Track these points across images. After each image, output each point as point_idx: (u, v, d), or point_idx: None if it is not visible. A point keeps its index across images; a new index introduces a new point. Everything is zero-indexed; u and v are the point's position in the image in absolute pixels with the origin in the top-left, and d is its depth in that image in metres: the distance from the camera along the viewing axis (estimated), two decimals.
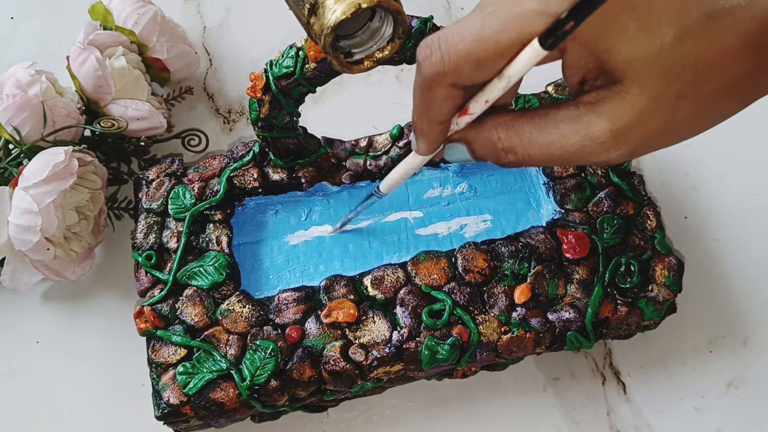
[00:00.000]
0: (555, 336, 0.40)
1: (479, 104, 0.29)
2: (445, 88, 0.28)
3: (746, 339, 0.47)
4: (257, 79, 0.39)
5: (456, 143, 0.31)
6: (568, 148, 0.28)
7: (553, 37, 0.24)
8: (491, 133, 0.29)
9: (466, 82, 0.28)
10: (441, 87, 0.28)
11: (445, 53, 0.27)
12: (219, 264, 0.41)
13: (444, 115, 0.29)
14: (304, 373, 0.38)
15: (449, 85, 0.28)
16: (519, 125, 0.29)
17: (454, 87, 0.28)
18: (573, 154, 0.28)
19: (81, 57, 0.46)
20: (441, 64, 0.27)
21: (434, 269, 0.41)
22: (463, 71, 0.27)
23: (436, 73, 0.27)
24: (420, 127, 0.30)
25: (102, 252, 0.50)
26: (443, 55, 0.27)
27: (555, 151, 0.28)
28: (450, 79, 0.27)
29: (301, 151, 0.43)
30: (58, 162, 0.42)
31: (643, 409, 0.45)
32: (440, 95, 0.28)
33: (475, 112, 0.29)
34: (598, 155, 0.27)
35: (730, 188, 0.52)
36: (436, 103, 0.28)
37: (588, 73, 0.27)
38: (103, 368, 0.46)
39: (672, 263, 0.42)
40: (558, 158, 0.28)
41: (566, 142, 0.27)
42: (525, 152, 0.29)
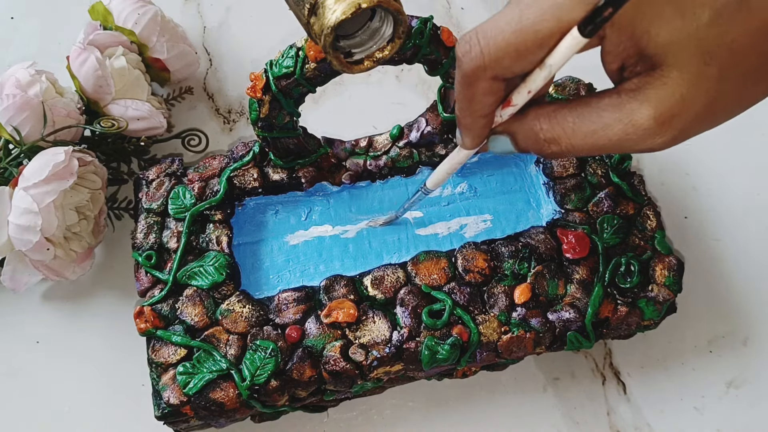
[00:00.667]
0: (555, 336, 0.40)
1: (522, 95, 0.29)
2: (487, 82, 0.28)
3: (746, 339, 0.47)
4: (257, 79, 0.39)
5: (500, 135, 0.31)
6: (612, 137, 0.28)
7: (593, 24, 0.24)
8: (534, 124, 0.29)
9: (507, 75, 0.28)
10: (482, 81, 0.28)
11: (484, 47, 0.27)
12: (219, 264, 0.41)
13: (487, 108, 0.29)
14: (304, 373, 0.38)
15: (490, 78, 0.28)
16: (561, 115, 0.29)
17: (495, 80, 0.28)
18: (617, 142, 0.28)
19: (81, 57, 0.46)
20: (481, 58, 0.27)
21: (434, 269, 0.41)
22: (503, 63, 0.27)
23: (476, 67, 0.27)
24: (464, 121, 0.31)
25: (102, 252, 0.50)
26: (482, 49, 0.27)
27: (599, 141, 0.28)
28: (490, 72, 0.27)
29: (301, 151, 0.43)
30: (58, 162, 0.42)
31: (643, 409, 0.45)
32: (482, 89, 0.28)
33: (518, 104, 0.29)
34: (642, 143, 0.27)
35: (730, 188, 0.52)
36: (478, 97, 0.29)
37: (627, 59, 0.27)
38: (103, 368, 0.46)
39: (672, 263, 0.42)
40: (602, 147, 0.28)
41: (610, 131, 0.27)
42: (568, 142, 0.29)
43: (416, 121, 0.45)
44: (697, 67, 0.26)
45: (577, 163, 0.44)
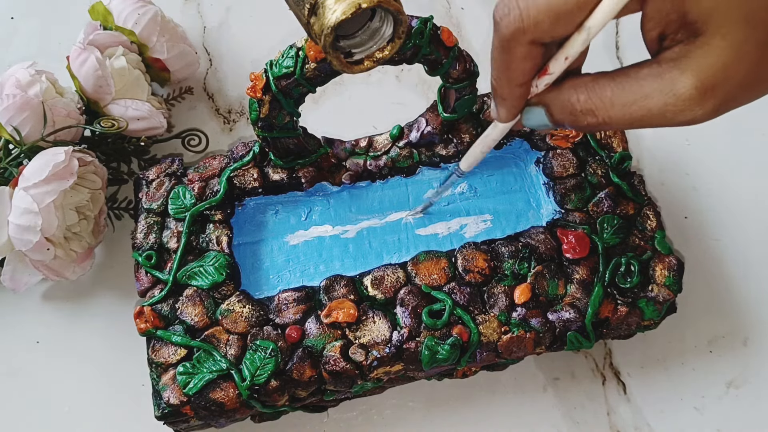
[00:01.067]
0: (555, 336, 0.40)
1: (559, 62, 0.28)
2: (525, 46, 0.27)
3: (746, 339, 0.47)
4: (257, 79, 0.39)
5: (534, 107, 0.30)
6: (652, 107, 0.27)
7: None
8: (570, 94, 0.29)
9: (546, 39, 0.27)
10: (521, 45, 0.27)
11: (524, 9, 0.26)
12: (219, 264, 0.41)
13: (525, 75, 0.29)
14: (304, 373, 0.38)
15: (529, 42, 0.27)
16: (600, 86, 0.28)
17: (534, 44, 0.27)
18: (657, 113, 0.27)
19: (81, 57, 0.46)
20: (520, 20, 0.26)
21: (434, 269, 0.41)
22: (542, 26, 0.26)
23: (515, 30, 0.27)
24: (500, 91, 0.30)
25: (102, 252, 0.50)
26: (521, 12, 0.26)
27: (638, 111, 0.27)
28: (530, 35, 0.27)
29: (301, 151, 0.43)
30: (58, 162, 0.42)
31: (643, 409, 0.45)
32: (520, 54, 0.28)
33: (555, 72, 0.29)
34: (683, 114, 0.27)
35: (730, 188, 0.52)
36: (515, 63, 0.28)
37: (668, 26, 0.26)
38: (103, 368, 0.46)
39: (672, 263, 0.42)
40: (641, 119, 0.27)
41: (650, 101, 0.27)
42: (606, 114, 0.28)
43: (416, 121, 0.45)
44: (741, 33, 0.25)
45: (577, 163, 0.44)
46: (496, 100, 0.31)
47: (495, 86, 0.30)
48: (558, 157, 0.44)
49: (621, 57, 0.57)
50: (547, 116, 0.30)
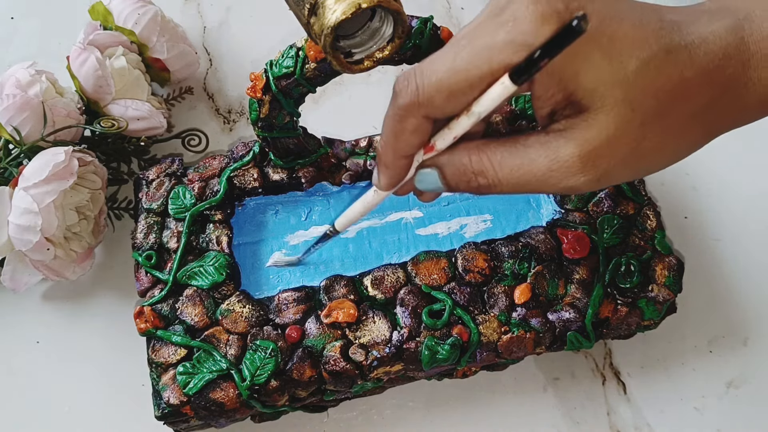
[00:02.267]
0: (555, 336, 0.40)
1: (446, 140, 0.29)
2: (417, 119, 0.28)
3: (746, 339, 0.47)
4: (257, 79, 0.39)
5: (427, 168, 0.31)
6: (536, 171, 0.28)
7: (527, 73, 0.25)
8: (462, 155, 0.30)
9: (438, 114, 0.28)
10: (413, 117, 0.28)
11: (420, 84, 0.27)
12: (219, 264, 0.41)
13: (411, 148, 0.30)
14: (304, 373, 0.38)
15: (422, 116, 0.28)
16: (490, 149, 0.29)
17: (426, 119, 0.28)
18: (541, 178, 0.28)
19: (81, 57, 0.46)
20: (416, 94, 0.27)
21: (434, 269, 0.41)
22: (435, 102, 0.27)
23: (410, 102, 0.28)
24: (384, 159, 0.31)
25: (102, 252, 0.50)
26: (418, 86, 0.27)
27: (524, 175, 0.28)
28: (423, 110, 0.28)
29: (301, 151, 0.43)
30: (58, 162, 0.42)
31: (643, 409, 0.45)
32: (411, 127, 0.29)
33: (440, 148, 0.30)
34: (565, 180, 0.28)
35: (730, 188, 0.52)
36: (405, 135, 0.29)
37: (557, 104, 0.27)
38: (103, 368, 0.46)
39: (672, 263, 0.42)
40: (527, 183, 0.29)
41: (534, 165, 0.28)
42: (495, 176, 0.29)
43: None
44: (624, 112, 0.26)
45: None
46: (380, 168, 0.32)
47: (380, 154, 0.31)
48: None
49: None
50: (440, 178, 0.31)
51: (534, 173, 0.28)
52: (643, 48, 0.26)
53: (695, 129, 0.29)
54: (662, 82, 0.27)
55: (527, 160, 0.28)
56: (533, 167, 0.28)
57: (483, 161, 0.29)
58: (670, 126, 0.28)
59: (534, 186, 0.29)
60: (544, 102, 0.28)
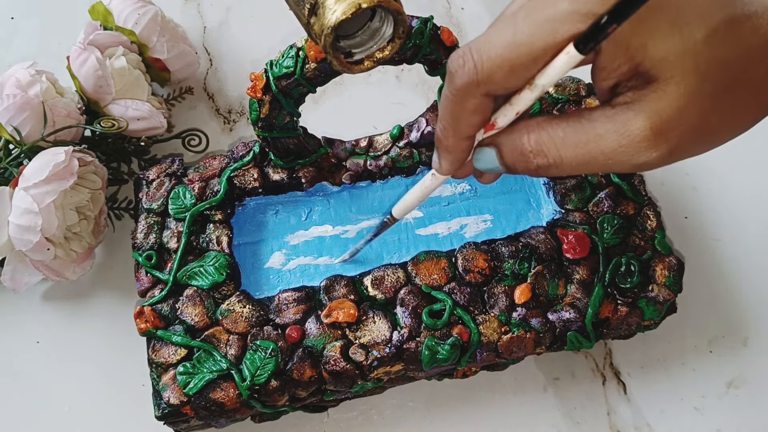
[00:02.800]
0: (555, 336, 0.40)
1: (508, 116, 0.28)
2: (477, 98, 0.27)
3: (746, 339, 0.47)
4: (257, 79, 0.39)
5: (485, 147, 0.30)
6: (605, 148, 0.27)
7: (594, 40, 0.24)
8: (521, 134, 0.28)
9: (499, 91, 0.27)
10: (473, 97, 0.27)
11: (477, 61, 0.26)
12: (219, 264, 0.41)
13: (472, 128, 0.29)
14: (304, 373, 0.38)
15: (482, 94, 0.27)
16: (551, 127, 0.28)
17: (486, 97, 0.27)
18: (610, 154, 0.27)
19: (81, 57, 0.46)
20: (474, 73, 0.26)
21: (434, 269, 0.41)
22: (496, 78, 0.26)
23: (469, 82, 0.27)
24: (445, 143, 0.30)
25: (102, 252, 0.50)
26: (476, 64, 0.26)
27: (591, 152, 0.27)
28: (483, 88, 0.27)
29: (301, 151, 0.43)
30: (58, 162, 0.42)
31: (643, 409, 0.45)
32: (471, 106, 0.28)
33: (501, 126, 0.29)
34: (637, 156, 0.26)
35: (730, 188, 0.52)
36: (465, 116, 0.28)
37: (622, 76, 0.26)
38: (103, 368, 0.46)
39: (672, 263, 0.42)
40: (593, 160, 0.27)
41: (602, 142, 0.26)
42: (557, 154, 0.27)
43: (416, 121, 0.45)
44: (694, 82, 0.26)
45: None
46: (440, 152, 0.31)
47: (440, 137, 0.30)
48: None
49: None
50: (498, 158, 0.29)
51: (602, 150, 0.27)
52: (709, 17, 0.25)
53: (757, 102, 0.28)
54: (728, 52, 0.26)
55: (593, 136, 0.27)
56: (601, 144, 0.26)
57: (543, 140, 0.28)
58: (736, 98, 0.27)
59: (600, 164, 0.27)
60: (609, 74, 0.26)
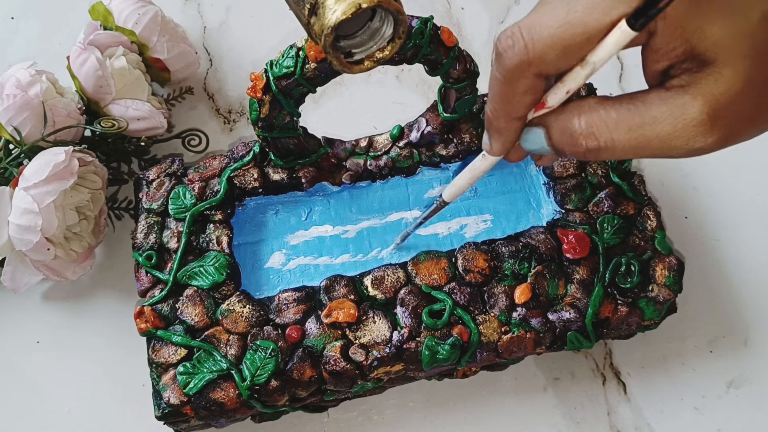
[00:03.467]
0: (555, 336, 0.40)
1: (559, 95, 0.27)
2: (529, 79, 0.27)
3: (747, 339, 0.47)
4: (257, 79, 0.39)
5: (534, 128, 0.29)
6: (660, 131, 0.26)
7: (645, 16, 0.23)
8: (572, 116, 0.27)
9: (551, 71, 0.27)
10: (524, 78, 0.27)
11: (528, 41, 0.26)
12: (219, 264, 0.41)
13: (524, 109, 0.28)
14: (304, 373, 0.38)
15: (533, 75, 0.27)
16: (604, 108, 0.27)
17: (538, 77, 0.27)
18: (665, 138, 0.26)
19: (81, 57, 0.46)
20: (525, 53, 0.26)
21: (434, 269, 0.41)
22: (548, 59, 0.26)
23: (520, 62, 0.26)
24: (496, 125, 0.29)
25: (102, 252, 0.50)
26: (527, 44, 0.26)
27: (645, 135, 0.26)
28: (535, 68, 0.26)
29: (301, 151, 0.43)
30: (58, 162, 0.42)
31: (644, 409, 0.45)
32: (522, 87, 0.27)
33: (552, 105, 0.28)
34: (692, 141, 0.26)
35: (730, 188, 0.52)
36: (517, 97, 0.28)
37: (676, 58, 0.26)
38: (103, 368, 0.46)
39: (672, 263, 0.42)
40: (647, 144, 0.26)
41: (658, 125, 0.26)
42: (609, 137, 0.27)
43: (416, 121, 0.45)
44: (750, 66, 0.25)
45: (577, 163, 0.44)
46: (491, 133, 0.30)
47: (491, 119, 0.29)
48: None
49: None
50: (546, 139, 0.29)
51: (657, 133, 0.26)
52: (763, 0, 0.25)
53: None
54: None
55: (648, 119, 0.26)
56: (656, 127, 0.26)
57: (595, 121, 0.27)
58: None
59: (654, 148, 0.26)
60: (662, 55, 0.26)
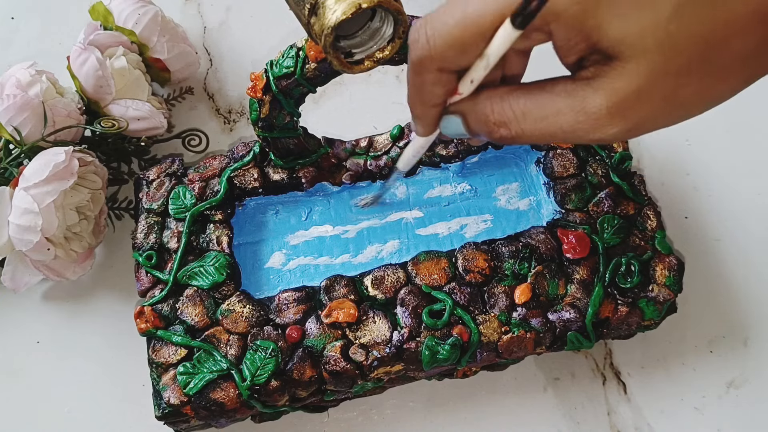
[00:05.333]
0: (555, 336, 0.40)
1: (466, 84, 0.28)
2: (434, 73, 0.28)
3: (746, 339, 0.47)
4: (257, 79, 0.39)
5: (451, 115, 0.30)
6: (563, 124, 0.27)
7: (521, 15, 0.24)
8: (485, 105, 0.28)
9: (452, 67, 0.27)
10: (429, 72, 0.28)
11: (430, 38, 0.27)
12: (219, 264, 0.41)
13: (437, 98, 0.29)
14: (304, 373, 0.38)
15: (437, 69, 0.27)
16: (514, 98, 0.28)
17: (443, 71, 0.28)
18: (568, 130, 0.27)
19: (81, 57, 0.46)
20: (427, 49, 0.27)
21: (435, 269, 0.41)
22: (448, 56, 0.27)
23: (422, 57, 0.27)
24: (414, 111, 0.30)
25: (102, 252, 0.50)
26: (428, 40, 0.27)
27: (549, 127, 0.27)
28: (436, 63, 0.27)
29: (301, 151, 0.43)
30: (58, 162, 0.42)
31: (644, 409, 0.45)
32: (430, 80, 0.28)
33: (464, 92, 0.29)
34: (593, 132, 0.27)
35: (730, 188, 0.52)
36: (427, 87, 0.28)
37: (581, 52, 0.26)
38: (103, 368, 0.46)
39: (672, 263, 0.42)
40: (552, 135, 0.27)
41: (561, 117, 0.27)
42: (518, 127, 0.28)
43: None
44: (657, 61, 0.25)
45: (577, 163, 0.44)
46: (413, 117, 0.31)
47: (410, 105, 0.30)
48: (558, 157, 0.44)
49: None
50: (464, 126, 0.30)
51: (560, 125, 0.27)
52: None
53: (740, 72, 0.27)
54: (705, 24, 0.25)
55: (552, 111, 0.27)
56: (559, 119, 0.27)
57: (505, 111, 0.28)
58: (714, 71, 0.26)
59: (560, 138, 0.28)
60: (567, 51, 0.27)
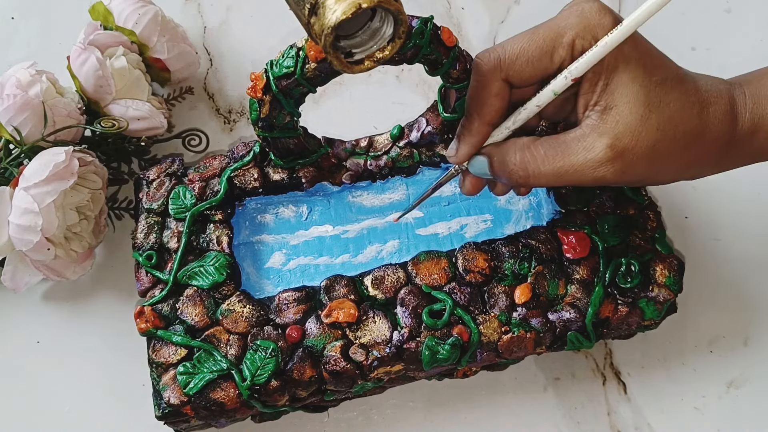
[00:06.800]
0: (555, 336, 0.40)
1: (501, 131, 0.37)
2: (499, 83, 0.35)
3: (747, 339, 0.47)
4: (258, 79, 0.39)
5: (480, 156, 0.37)
6: (575, 162, 0.34)
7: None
8: (510, 151, 0.36)
9: (516, 79, 0.35)
10: (496, 81, 0.35)
11: (501, 53, 0.34)
12: (219, 264, 0.41)
13: (495, 113, 0.36)
14: (304, 373, 0.38)
15: (502, 79, 0.35)
16: (535, 146, 0.35)
17: (505, 83, 0.35)
18: (579, 168, 0.34)
19: (81, 57, 0.46)
20: (498, 60, 0.34)
21: (435, 269, 0.41)
22: (515, 66, 0.34)
23: (492, 67, 0.34)
24: (469, 126, 0.36)
25: (102, 252, 0.50)
26: (500, 54, 0.34)
27: (563, 166, 0.34)
28: (504, 73, 0.34)
29: (301, 151, 0.43)
30: (58, 162, 0.42)
31: (644, 409, 0.45)
32: (494, 90, 0.35)
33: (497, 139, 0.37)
34: (596, 171, 0.34)
35: (730, 188, 0.52)
36: (490, 99, 0.35)
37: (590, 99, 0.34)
38: (103, 368, 0.46)
39: (672, 263, 0.42)
40: (564, 174, 0.34)
41: (574, 157, 0.34)
42: (536, 167, 0.35)
43: (416, 121, 0.45)
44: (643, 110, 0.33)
45: None
46: (462, 136, 0.37)
47: (465, 123, 0.37)
48: None
49: None
50: (489, 167, 0.37)
51: (572, 164, 0.34)
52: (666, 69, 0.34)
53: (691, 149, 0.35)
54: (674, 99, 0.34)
55: (568, 154, 0.34)
56: (572, 159, 0.34)
57: (527, 156, 0.35)
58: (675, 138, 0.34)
59: (569, 176, 0.34)
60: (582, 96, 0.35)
